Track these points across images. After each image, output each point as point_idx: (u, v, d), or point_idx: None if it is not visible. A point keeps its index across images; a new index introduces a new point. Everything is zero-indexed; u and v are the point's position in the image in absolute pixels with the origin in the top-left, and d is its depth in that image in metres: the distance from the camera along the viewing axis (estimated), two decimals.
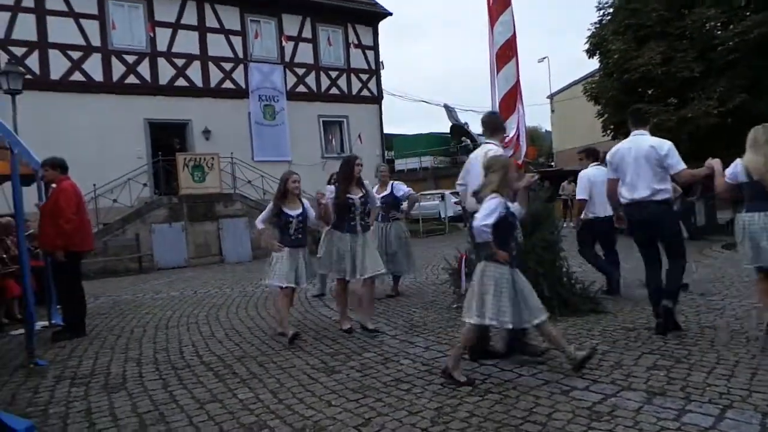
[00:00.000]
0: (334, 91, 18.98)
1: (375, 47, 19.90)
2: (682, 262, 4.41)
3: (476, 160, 4.25)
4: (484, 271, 3.51)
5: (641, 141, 4.44)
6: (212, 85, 16.68)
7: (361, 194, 5.12)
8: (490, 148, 4.17)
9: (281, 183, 5.13)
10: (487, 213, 3.42)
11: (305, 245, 5.17)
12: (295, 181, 5.19)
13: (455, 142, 30.20)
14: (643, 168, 4.32)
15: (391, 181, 6.99)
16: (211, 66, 16.67)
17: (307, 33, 18.45)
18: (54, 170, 5.88)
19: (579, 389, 3.36)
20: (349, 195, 5.07)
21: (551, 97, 33.79)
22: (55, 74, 14.51)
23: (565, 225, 8.11)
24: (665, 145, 4.30)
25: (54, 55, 14.51)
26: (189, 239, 14.03)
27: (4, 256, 7.08)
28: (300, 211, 5.10)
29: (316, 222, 5.28)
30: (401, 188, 6.95)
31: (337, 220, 5.07)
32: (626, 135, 4.79)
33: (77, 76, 14.80)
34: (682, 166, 4.26)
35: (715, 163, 4.17)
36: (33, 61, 14.22)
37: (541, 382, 3.52)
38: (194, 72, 16.39)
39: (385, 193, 6.78)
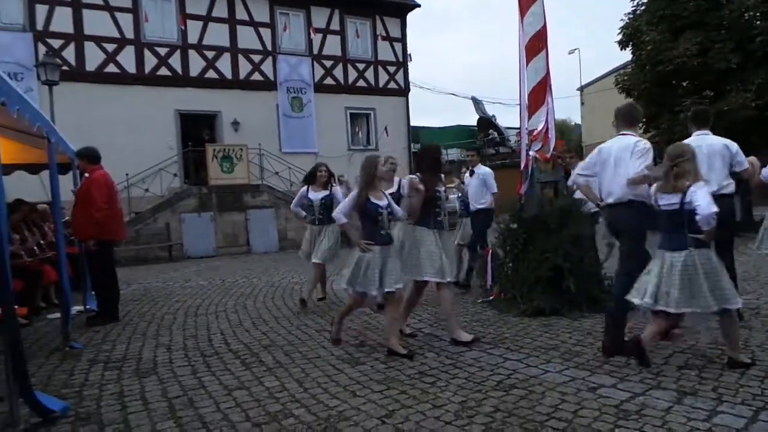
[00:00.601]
0: (361, 83, 18.97)
1: (403, 39, 19.79)
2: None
3: (610, 152, 4.07)
4: (697, 260, 3.37)
5: (710, 140, 4.58)
6: (241, 77, 16.83)
7: (444, 187, 4.57)
8: (638, 140, 4.00)
9: (369, 168, 4.21)
10: (710, 201, 3.34)
11: (393, 242, 4.31)
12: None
13: (482, 135, 29.92)
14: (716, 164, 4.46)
15: (399, 177, 5.89)
16: (241, 58, 16.81)
17: (335, 25, 18.45)
18: (82, 160, 6.02)
19: (606, 387, 3.31)
20: (436, 188, 4.42)
21: (581, 89, 33.13)
22: (91, 66, 14.84)
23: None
24: (735, 145, 4.50)
25: (89, 47, 14.83)
26: (217, 229, 14.25)
27: (42, 242, 7.30)
28: (386, 202, 4.26)
29: (403, 215, 4.39)
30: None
31: (422, 215, 4.38)
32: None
33: (111, 68, 15.11)
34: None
35: (753, 160, 4.12)
36: (69, 53, 14.57)
37: (567, 379, 3.48)
38: (224, 64, 16.56)
39: (391, 190, 5.66)
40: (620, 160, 3.98)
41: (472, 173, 7.04)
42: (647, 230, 3.97)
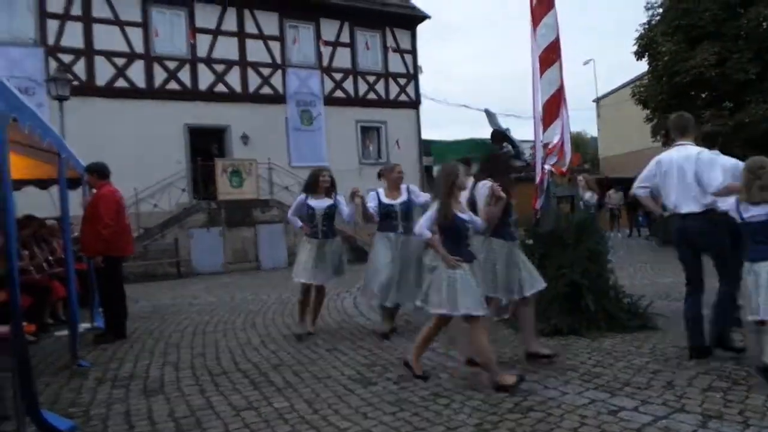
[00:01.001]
0: (371, 96, 19.10)
1: (413, 51, 19.93)
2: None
3: (672, 162, 4.15)
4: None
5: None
6: (251, 90, 17.01)
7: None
8: (701, 150, 4.09)
9: (450, 176, 3.82)
10: None
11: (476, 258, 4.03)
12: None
13: (496, 149, 29.94)
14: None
15: (406, 184, 5.78)
16: (250, 71, 17.01)
17: (344, 37, 18.64)
18: (91, 175, 6.09)
19: (628, 410, 3.25)
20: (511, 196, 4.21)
21: (597, 101, 33.07)
22: (101, 80, 15.08)
23: (612, 236, 7.90)
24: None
25: (99, 61, 15.10)
26: (226, 245, 14.31)
27: (50, 258, 7.38)
28: (468, 214, 3.94)
29: (483, 227, 4.08)
30: (420, 194, 5.76)
31: (497, 225, 4.14)
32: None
33: (121, 83, 15.35)
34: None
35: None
36: (80, 68, 14.82)
37: (587, 401, 3.43)
38: (233, 78, 16.76)
39: (401, 199, 5.60)
40: (684, 170, 4.07)
41: None
42: (727, 240, 4.07)
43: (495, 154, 4.78)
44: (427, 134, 22.53)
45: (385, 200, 5.55)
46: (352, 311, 7.07)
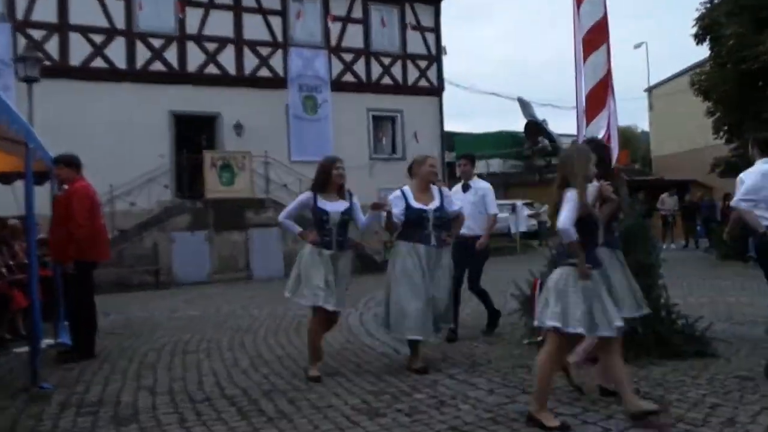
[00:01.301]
0: (386, 80, 19.14)
1: (436, 29, 19.98)
2: None
3: None
4: None
5: None
6: (246, 73, 17.14)
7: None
8: None
9: (586, 161, 3.68)
10: None
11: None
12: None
13: (530, 144, 29.84)
14: None
15: (437, 187, 5.44)
16: (246, 51, 17.15)
17: (356, 13, 18.71)
18: (65, 168, 6.11)
19: None
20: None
21: (649, 90, 32.88)
22: (75, 60, 15.28)
23: (665, 247, 7.81)
24: None
25: (75, 38, 15.29)
26: (213, 251, 14.41)
27: (11, 262, 7.45)
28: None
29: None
30: (454, 201, 5.52)
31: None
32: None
33: (99, 63, 15.54)
34: None
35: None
36: (52, 46, 15.03)
37: None
38: (227, 58, 16.90)
39: (434, 204, 5.23)
40: None
41: (466, 188, 6.54)
42: None
43: (597, 143, 4.40)
44: (450, 125, 22.59)
45: (415, 204, 5.09)
46: (357, 329, 7.06)
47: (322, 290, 4.84)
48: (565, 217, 3.52)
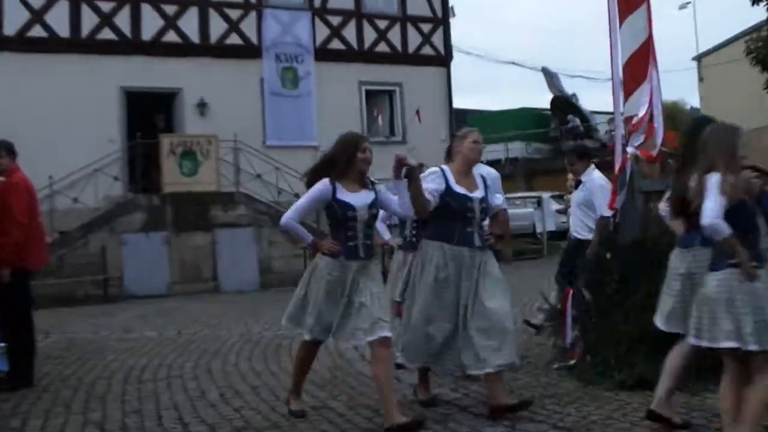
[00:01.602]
0: (382, 48, 19.12)
1: None
2: None
3: None
4: None
5: None
6: (212, 40, 17.11)
7: None
8: None
9: (733, 138, 3.70)
10: None
11: None
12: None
13: (557, 123, 29.86)
14: None
15: (479, 172, 5.09)
16: (212, 14, 17.12)
17: None
18: (9, 157, 6.06)
19: None
20: None
21: (698, 59, 32.94)
22: (10, 29, 15.25)
23: None
24: None
25: (11, 4, 15.22)
26: (173, 256, 14.38)
27: None
28: None
29: None
30: (499, 190, 5.43)
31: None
32: None
33: (37, 31, 15.51)
34: None
35: None
36: None
37: None
38: (188, 23, 16.86)
39: (479, 192, 4.83)
40: None
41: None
42: None
43: (726, 124, 4.20)
44: (460, 102, 22.61)
45: (458, 188, 4.62)
46: (348, 352, 7.03)
47: (332, 327, 4.42)
48: (710, 209, 3.40)
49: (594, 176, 6.59)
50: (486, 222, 5.02)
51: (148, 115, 16.57)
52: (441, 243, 4.59)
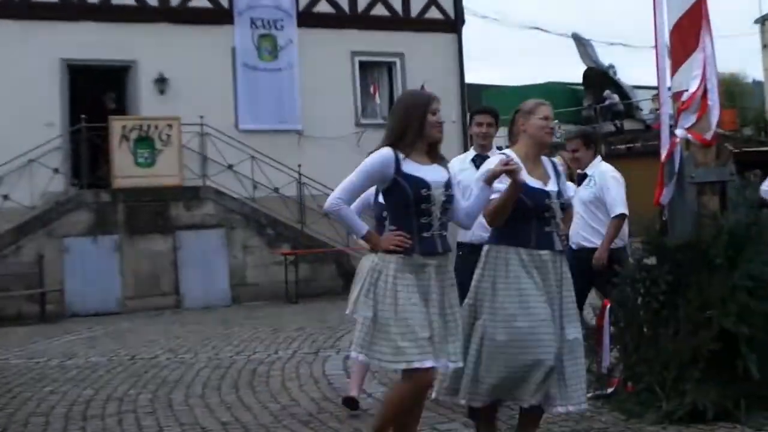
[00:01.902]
0: (379, 10, 19.14)
1: None
2: None
3: None
4: None
5: None
6: (174, 3, 17.13)
7: None
8: None
9: None
10: None
11: None
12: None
13: (592, 100, 29.88)
14: None
15: (549, 158, 4.89)
16: None
17: None
18: None
19: None
20: None
21: (762, 22, 33.02)
22: None
23: None
24: None
25: None
26: (126, 265, 14.39)
27: None
28: None
29: None
30: (568, 182, 5.36)
31: None
32: None
33: None
34: None
35: None
36: None
37: None
38: None
39: (552, 184, 4.57)
40: None
41: (478, 161, 5.92)
42: None
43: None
44: (474, 75, 22.62)
45: (531, 181, 4.31)
46: (338, 379, 7.05)
47: (428, 342, 3.80)
48: None
49: (604, 168, 6.62)
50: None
51: (96, 93, 16.59)
52: (517, 248, 4.25)
